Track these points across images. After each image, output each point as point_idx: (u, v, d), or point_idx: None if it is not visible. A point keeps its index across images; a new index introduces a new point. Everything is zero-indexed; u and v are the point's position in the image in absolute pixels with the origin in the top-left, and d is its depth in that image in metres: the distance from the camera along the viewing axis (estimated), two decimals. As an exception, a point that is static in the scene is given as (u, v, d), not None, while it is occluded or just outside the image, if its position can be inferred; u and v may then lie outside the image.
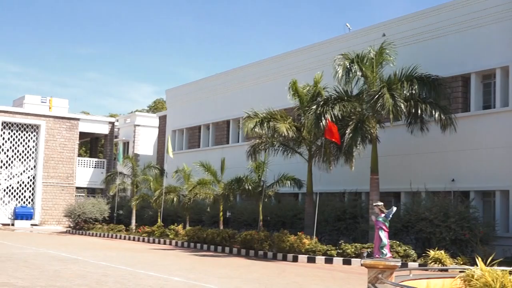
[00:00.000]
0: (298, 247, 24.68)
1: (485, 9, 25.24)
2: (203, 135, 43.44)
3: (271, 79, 36.45)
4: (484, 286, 8.89)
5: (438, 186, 25.59)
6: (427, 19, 27.60)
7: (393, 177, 27.12)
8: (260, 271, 20.14)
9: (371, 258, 10.74)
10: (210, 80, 43.47)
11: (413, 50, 27.24)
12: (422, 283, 10.72)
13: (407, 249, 22.37)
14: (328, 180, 28.14)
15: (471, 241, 22.28)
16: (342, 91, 25.58)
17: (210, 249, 29.70)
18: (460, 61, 26.12)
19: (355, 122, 24.65)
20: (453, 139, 24.94)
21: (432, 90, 24.50)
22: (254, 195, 29.62)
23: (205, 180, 32.77)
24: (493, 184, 24.53)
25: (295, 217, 29.88)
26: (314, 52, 33.46)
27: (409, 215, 24.20)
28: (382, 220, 10.74)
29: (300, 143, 27.84)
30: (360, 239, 25.75)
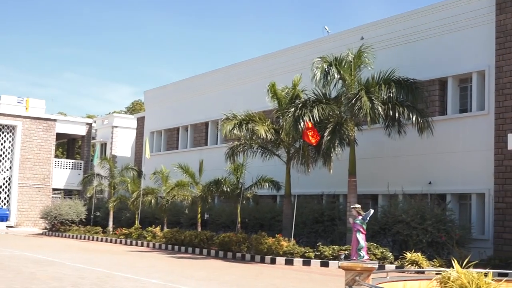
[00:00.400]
0: (276, 249, 24.70)
1: (462, 14, 25.51)
2: (181, 136, 43.30)
3: (250, 81, 36.47)
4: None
5: (415, 188, 25.78)
6: (405, 22, 27.82)
7: (370, 180, 27.27)
8: (238, 273, 20.13)
9: (349, 260, 10.79)
10: (188, 81, 43.37)
11: (391, 54, 27.43)
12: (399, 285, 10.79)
13: (384, 251, 22.50)
14: (306, 182, 28.22)
15: (447, 244, 22.48)
16: (321, 94, 25.68)
17: (188, 251, 29.62)
18: (437, 64, 26.35)
19: (333, 125, 24.76)
20: (430, 142, 25.15)
21: (410, 93, 24.70)
22: (233, 197, 29.61)
23: (183, 182, 32.68)
24: (469, 187, 24.78)
25: (273, 219, 29.91)
26: (293, 54, 33.55)
27: (386, 217, 24.35)
28: (360, 222, 10.79)
29: (279, 145, 27.89)
30: (338, 241, 25.84)
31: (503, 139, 22.42)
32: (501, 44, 23.70)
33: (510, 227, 22.84)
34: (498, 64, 23.74)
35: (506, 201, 23.04)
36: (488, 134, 24.00)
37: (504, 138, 22.08)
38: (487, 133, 24.05)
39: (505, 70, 23.47)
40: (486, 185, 23.99)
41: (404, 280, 11.35)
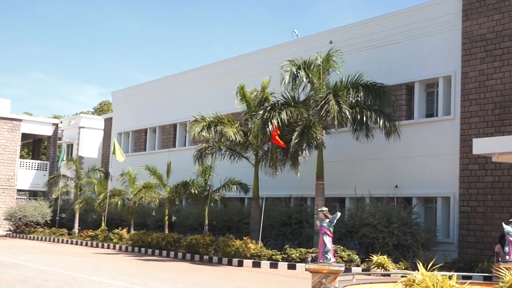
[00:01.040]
0: (244, 251, 24.70)
1: (429, 20, 25.86)
2: (149, 138, 43.04)
3: (219, 83, 36.43)
4: (424, 290, 9.08)
5: (382, 192, 26.03)
6: (373, 27, 28.09)
7: (338, 183, 27.45)
8: (205, 276, 20.08)
9: (315, 263, 10.84)
10: (157, 83, 43.15)
11: (359, 58, 27.66)
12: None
13: (351, 254, 22.66)
14: (274, 185, 28.29)
15: (413, 246, 22.74)
16: (289, 97, 25.78)
17: (155, 253, 29.43)
18: (404, 69, 26.67)
19: (301, 128, 24.87)
20: (397, 146, 25.44)
21: (377, 98, 24.97)
22: (200, 199, 29.54)
23: (150, 184, 32.49)
24: (435, 191, 25.11)
25: (241, 221, 29.91)
26: (262, 57, 33.61)
27: (353, 220, 24.53)
28: (327, 225, 10.84)
29: (247, 147, 27.91)
30: (305, 244, 25.95)
31: (468, 144, 22.77)
32: (467, 50, 24.08)
33: (474, 230, 23.21)
34: (464, 69, 24.12)
35: (471, 204, 23.40)
36: (453, 138, 24.36)
37: (469, 142, 22.42)
38: (453, 137, 24.40)
39: (470, 75, 23.85)
40: (451, 189, 24.33)
41: (370, 283, 11.44)
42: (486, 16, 23.52)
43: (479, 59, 23.62)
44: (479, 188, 23.21)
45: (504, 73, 22.79)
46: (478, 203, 23.19)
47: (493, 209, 22.71)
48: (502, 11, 23.04)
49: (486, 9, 23.54)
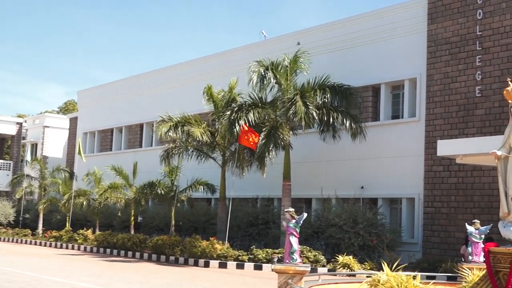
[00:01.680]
0: (210, 252, 24.65)
1: (395, 22, 26.14)
2: (115, 138, 42.67)
3: (186, 84, 36.29)
4: (389, 290, 9.17)
5: (348, 193, 26.22)
6: (340, 29, 28.29)
7: (305, 184, 27.57)
8: (171, 276, 19.99)
9: (282, 263, 10.87)
10: (124, 82, 42.81)
11: (326, 59, 27.83)
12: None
13: (317, 254, 22.78)
14: (241, 186, 28.30)
15: (378, 247, 22.95)
16: (257, 98, 25.82)
17: (121, 254, 29.19)
18: (371, 71, 26.91)
19: (269, 129, 24.93)
20: (363, 147, 25.65)
21: (344, 99, 25.16)
22: (167, 199, 29.39)
23: (116, 184, 32.22)
24: (400, 192, 25.39)
25: (207, 222, 29.84)
26: (230, 58, 33.59)
27: (320, 221, 24.67)
28: (293, 226, 10.88)
29: (214, 148, 27.86)
30: (272, 244, 26.00)
31: (433, 145, 23.06)
32: (432, 53, 24.41)
33: (438, 231, 23.52)
34: (429, 72, 24.44)
35: (435, 205, 23.72)
36: (418, 140, 24.66)
37: (433, 144, 22.70)
38: (418, 139, 24.70)
39: (435, 78, 24.18)
40: (416, 190, 24.63)
41: (335, 283, 11.51)
42: (451, 19, 23.88)
43: (444, 62, 23.96)
44: (443, 189, 23.54)
45: (468, 76, 23.15)
46: (442, 204, 23.52)
47: (456, 210, 23.04)
48: (466, 15, 23.40)
49: (451, 12, 23.89)
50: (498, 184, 9.10)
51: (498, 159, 9.02)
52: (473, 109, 22.92)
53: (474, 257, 13.71)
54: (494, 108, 22.22)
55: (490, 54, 22.62)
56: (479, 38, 22.93)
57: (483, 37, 22.85)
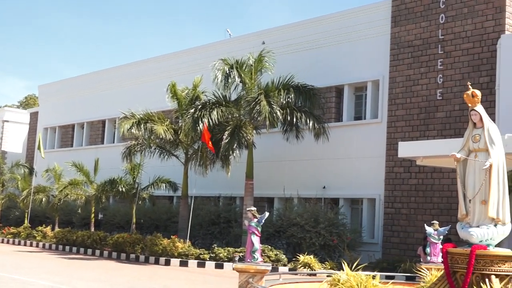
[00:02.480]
0: (171, 250, 24.55)
1: (359, 24, 26.39)
2: (76, 134, 42.14)
3: (149, 80, 36.03)
4: (348, 290, 9.27)
5: (310, 192, 26.38)
6: (305, 30, 28.43)
7: (267, 183, 27.65)
8: (131, 275, 19.85)
9: (243, 262, 10.89)
10: (86, 77, 42.30)
11: (291, 59, 27.94)
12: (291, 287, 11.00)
13: (278, 253, 22.86)
14: (204, 184, 28.24)
15: (339, 247, 23.15)
16: (221, 96, 25.79)
17: (80, 251, 28.86)
18: (334, 72, 27.10)
19: (232, 128, 24.92)
20: (326, 147, 25.81)
21: (308, 99, 25.30)
22: (128, 197, 29.15)
23: (77, 181, 31.81)
24: (361, 192, 25.65)
25: (169, 220, 29.69)
26: (194, 55, 33.48)
27: (281, 220, 24.76)
28: (255, 225, 10.91)
29: (177, 146, 27.74)
30: (233, 243, 26.02)
31: (394, 147, 23.34)
32: (395, 56, 24.71)
33: (398, 231, 23.83)
34: (392, 74, 24.73)
35: (395, 206, 24.02)
36: (380, 141, 24.94)
37: (395, 146, 22.98)
38: (380, 140, 24.98)
39: (398, 80, 24.49)
40: (377, 191, 24.91)
41: (296, 282, 11.59)
42: (413, 23, 24.20)
43: (406, 64, 24.28)
44: (403, 190, 23.85)
45: (430, 79, 23.50)
46: (402, 205, 23.83)
47: (416, 211, 23.38)
48: (429, 18, 23.75)
49: (414, 16, 24.22)
50: (457, 186, 9.28)
51: (457, 162, 9.19)
52: (434, 112, 23.27)
53: (432, 257, 13.91)
54: (455, 111, 22.60)
55: (451, 58, 23.00)
56: (441, 42, 23.30)
57: (445, 41, 23.22)
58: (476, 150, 9.03)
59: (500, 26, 21.89)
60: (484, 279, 8.41)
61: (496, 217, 8.77)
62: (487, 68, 22.03)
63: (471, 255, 8.47)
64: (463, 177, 9.17)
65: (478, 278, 8.52)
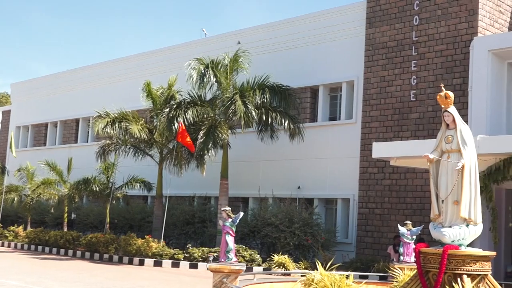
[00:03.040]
0: (145, 250, 24.42)
1: (334, 25, 26.50)
2: (50, 133, 41.71)
3: (124, 79, 35.80)
4: (322, 289, 9.31)
5: (285, 192, 26.43)
6: (280, 30, 28.49)
7: (242, 183, 27.65)
8: (104, 275, 19.71)
9: (217, 262, 10.88)
10: (60, 76, 41.87)
11: (266, 59, 27.97)
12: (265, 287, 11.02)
13: (252, 253, 22.87)
14: (179, 184, 28.14)
15: (313, 246, 23.24)
16: (196, 96, 25.73)
17: (53, 252, 28.57)
18: (309, 73, 27.19)
19: (207, 127, 24.89)
20: (301, 147, 25.89)
21: (283, 100, 25.34)
22: (102, 197, 28.92)
23: (50, 180, 31.48)
24: (336, 192, 25.77)
25: (143, 220, 29.52)
26: (170, 54, 33.34)
27: (256, 220, 24.78)
28: (229, 225, 10.91)
29: (152, 145, 27.60)
30: (208, 243, 25.98)
31: (368, 148, 23.48)
32: (369, 57, 24.87)
33: (372, 231, 23.99)
34: (366, 75, 24.89)
35: (369, 206, 24.17)
36: (354, 142, 25.08)
37: (369, 146, 23.12)
38: (354, 141, 25.12)
39: (372, 81, 24.64)
40: (351, 191, 25.04)
41: (270, 282, 11.61)
42: (388, 24, 24.38)
43: (381, 65, 24.44)
44: (377, 191, 24.02)
45: (404, 80, 23.69)
46: (376, 205, 23.99)
47: (389, 211, 23.55)
48: (403, 20, 23.94)
49: (389, 18, 24.40)
50: (430, 187, 9.37)
51: (430, 162, 9.28)
52: (408, 113, 23.47)
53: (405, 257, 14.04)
54: (428, 112, 22.81)
55: (425, 60, 23.22)
56: (415, 44, 23.51)
57: (418, 43, 23.42)
58: (448, 151, 9.12)
59: (473, 28, 22.15)
60: (456, 279, 8.50)
61: (468, 217, 8.86)
62: (460, 70, 22.28)
63: (443, 255, 8.56)
64: (436, 178, 9.26)
65: (450, 277, 8.61)
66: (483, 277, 8.76)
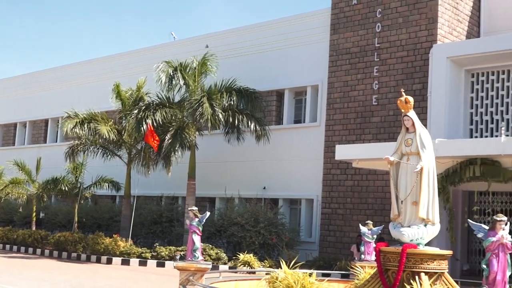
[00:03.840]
0: (113, 249, 24.19)
1: (300, 31, 26.64)
2: (18, 133, 41.06)
3: (94, 81, 35.42)
4: (286, 287, 9.34)
5: (251, 193, 26.45)
6: (248, 35, 28.53)
7: (209, 183, 27.58)
8: (72, 273, 19.47)
9: (184, 261, 10.84)
10: (30, 77, 41.24)
11: (233, 63, 27.95)
12: (231, 285, 11.01)
13: (219, 252, 22.84)
14: (147, 184, 27.96)
15: (277, 245, 23.30)
16: (164, 98, 25.61)
17: (21, 250, 28.09)
18: (276, 77, 27.28)
19: (175, 129, 24.79)
20: (266, 149, 25.94)
21: (249, 103, 25.39)
22: (71, 196, 28.58)
23: (18, 180, 30.96)
24: (300, 193, 25.89)
25: (111, 219, 29.25)
26: (139, 57, 33.10)
27: (223, 220, 24.75)
28: (196, 224, 10.89)
29: (121, 146, 27.37)
30: (175, 242, 25.85)
31: (331, 150, 23.62)
32: (333, 62, 25.04)
33: (334, 231, 24.15)
34: (330, 80, 25.05)
35: (332, 206, 24.34)
36: (318, 144, 25.22)
37: (332, 148, 23.25)
38: (318, 143, 25.26)
39: (336, 86, 24.81)
40: (315, 192, 25.18)
41: (235, 280, 11.60)
42: (351, 31, 24.58)
43: (344, 70, 24.63)
44: (340, 191, 24.18)
45: (366, 85, 23.92)
46: (339, 205, 24.16)
47: (352, 211, 23.74)
48: (366, 27, 24.17)
49: (352, 24, 24.60)
50: (390, 188, 9.47)
51: (390, 164, 9.37)
52: (370, 117, 23.69)
53: (366, 256, 14.16)
54: (389, 116, 23.06)
55: (386, 66, 23.48)
56: (377, 50, 23.75)
57: (380, 49, 23.67)
58: (408, 153, 9.22)
59: (432, 36, 22.48)
60: (414, 276, 8.60)
61: (426, 217, 8.97)
62: (419, 76, 22.58)
63: (402, 254, 8.65)
64: (396, 179, 9.35)
65: (408, 275, 8.71)
66: (440, 275, 8.88)
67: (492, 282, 7.34)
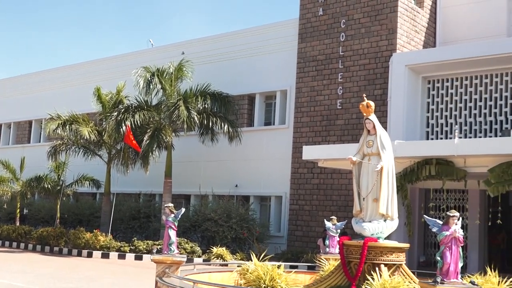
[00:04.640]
0: (93, 243, 23.95)
1: (270, 39, 26.70)
2: (3, 133, 40.39)
3: (76, 84, 35.03)
4: (256, 278, 9.37)
5: (224, 190, 26.42)
6: (221, 42, 28.49)
7: (185, 181, 27.47)
8: (55, 266, 19.23)
9: (160, 254, 10.77)
10: (13, 80, 40.60)
11: (208, 69, 27.89)
12: (205, 276, 10.99)
13: (193, 246, 22.76)
14: (125, 182, 27.75)
15: (248, 239, 23.30)
16: (143, 101, 25.46)
17: (5, 245, 27.65)
18: (247, 82, 27.30)
19: (153, 130, 24.66)
20: (238, 150, 25.95)
21: (223, 106, 25.38)
22: (53, 193, 28.26)
23: (3, 178, 30.49)
24: (270, 190, 25.93)
25: (92, 215, 28.96)
26: (119, 62, 32.83)
27: (197, 215, 24.68)
28: (172, 219, 10.81)
29: (101, 146, 27.15)
30: (152, 236, 25.69)
31: (299, 150, 23.70)
32: (301, 68, 25.13)
33: (302, 226, 24.23)
34: (298, 85, 25.13)
35: (299, 203, 24.41)
36: (287, 145, 25.29)
37: (300, 149, 23.33)
38: (287, 144, 25.33)
39: (303, 91, 24.91)
40: (284, 189, 25.24)
41: (209, 272, 11.58)
42: (318, 40, 24.70)
43: (311, 76, 24.73)
44: (306, 189, 24.27)
45: (331, 90, 24.05)
46: (306, 202, 24.24)
47: (317, 208, 23.84)
48: (331, 36, 24.31)
49: (318, 34, 24.72)
50: (353, 186, 9.54)
51: (353, 164, 9.45)
52: (335, 120, 23.83)
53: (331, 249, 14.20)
54: (352, 119, 23.22)
55: (350, 72, 23.63)
56: (342, 58, 23.90)
57: (345, 57, 23.83)
58: (369, 154, 9.31)
59: (392, 45, 22.70)
60: (374, 268, 8.68)
61: (385, 213, 9.07)
62: (380, 82, 22.78)
63: (364, 247, 8.73)
64: (358, 178, 9.43)
65: (369, 267, 8.79)
66: (398, 266, 8.98)
67: (445, 272, 7.46)
